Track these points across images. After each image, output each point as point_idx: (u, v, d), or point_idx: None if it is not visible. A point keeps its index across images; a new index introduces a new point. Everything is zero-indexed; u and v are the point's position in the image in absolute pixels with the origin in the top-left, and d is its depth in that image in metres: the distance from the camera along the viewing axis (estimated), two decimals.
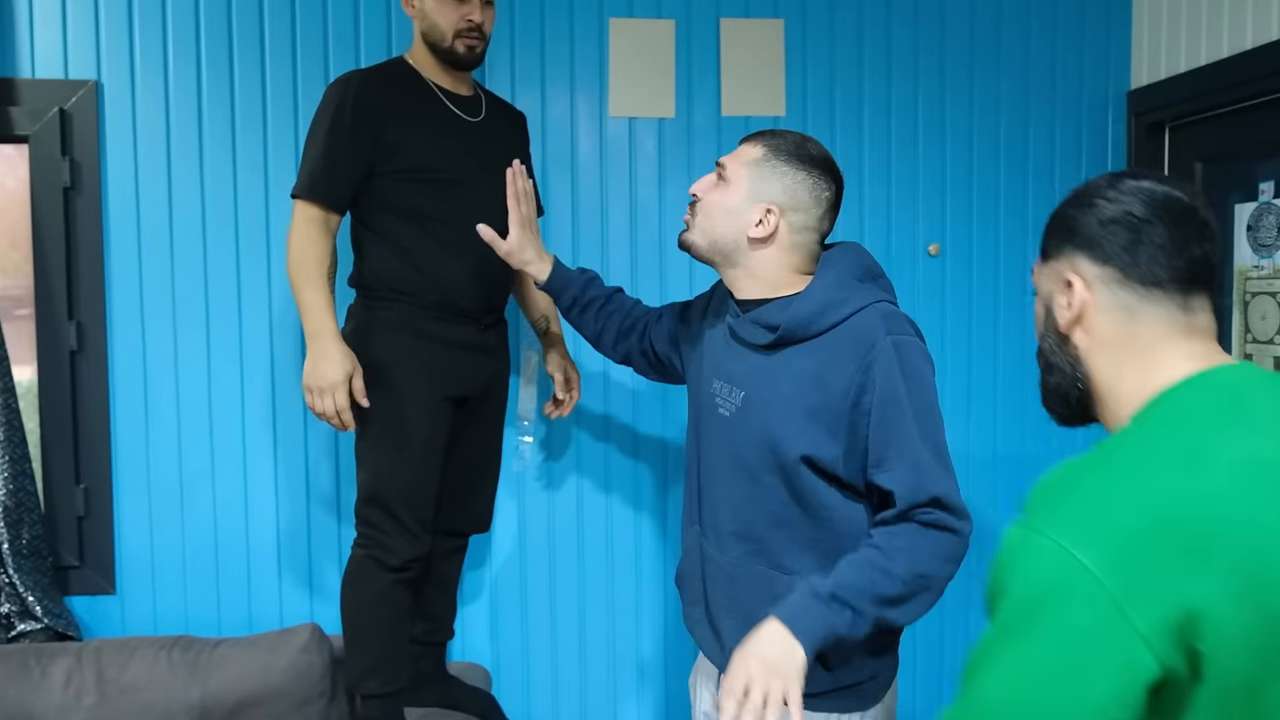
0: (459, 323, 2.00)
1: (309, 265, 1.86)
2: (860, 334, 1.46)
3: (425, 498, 1.97)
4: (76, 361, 2.34)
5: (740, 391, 1.57)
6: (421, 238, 1.96)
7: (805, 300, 1.50)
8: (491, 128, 2.09)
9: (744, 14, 2.49)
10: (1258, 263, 2.27)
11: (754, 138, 1.60)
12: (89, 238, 2.32)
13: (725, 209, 1.55)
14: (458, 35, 1.95)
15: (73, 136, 2.30)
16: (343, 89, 1.91)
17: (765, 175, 1.54)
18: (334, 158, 1.88)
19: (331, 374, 1.82)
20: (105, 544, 2.36)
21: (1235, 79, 2.25)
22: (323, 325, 1.84)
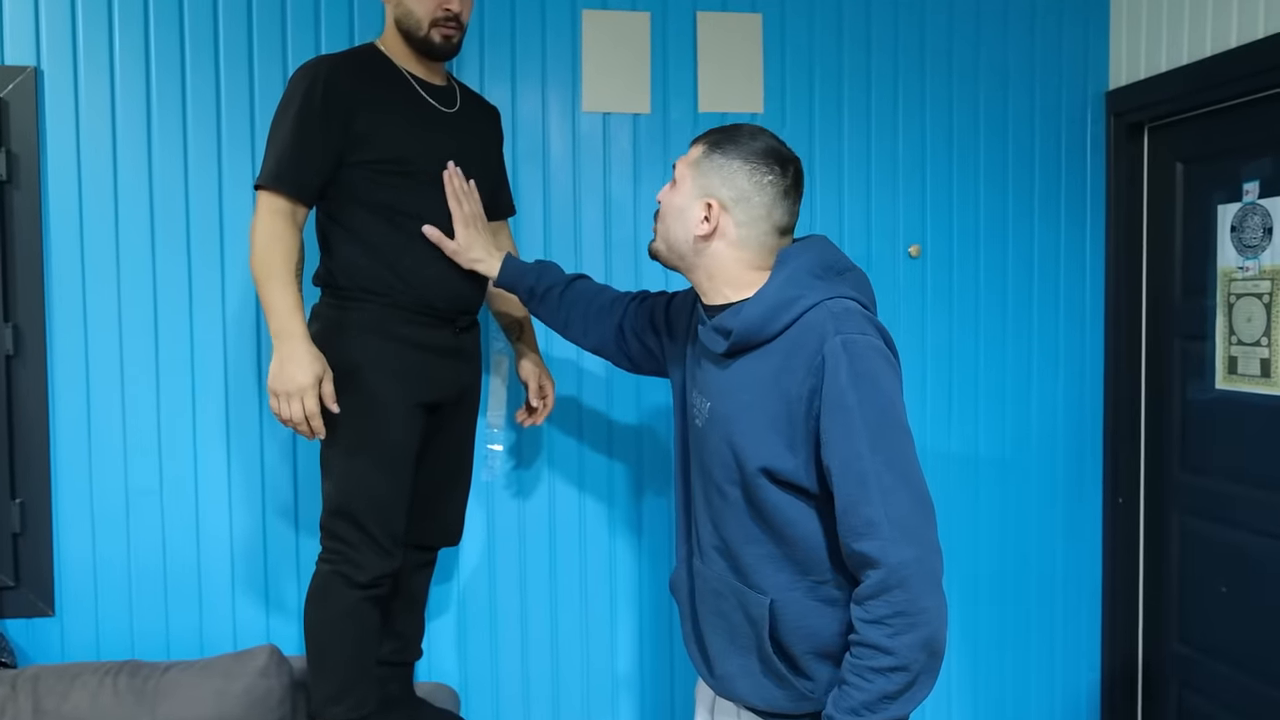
0: (433, 325, 1.89)
1: (275, 261, 1.73)
2: (810, 334, 1.38)
3: (397, 510, 1.85)
4: (13, 367, 2.18)
5: (707, 402, 1.51)
6: (394, 234, 1.85)
7: (755, 303, 1.44)
8: (467, 119, 1.99)
9: (722, 8, 2.42)
10: (1242, 264, 2.25)
11: (700, 137, 1.55)
12: (26, 235, 2.17)
13: (676, 210, 1.51)
14: (434, 24, 1.85)
15: (9, 127, 2.15)
16: (311, 74, 1.79)
17: (705, 170, 1.49)
18: (303, 146, 1.76)
19: (300, 377, 1.70)
20: (43, 562, 2.20)
21: (1216, 78, 2.23)
22: (290, 326, 1.71)
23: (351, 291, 1.84)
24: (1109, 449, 2.61)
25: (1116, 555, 2.59)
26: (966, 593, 2.57)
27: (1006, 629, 2.60)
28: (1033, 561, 2.61)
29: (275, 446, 2.26)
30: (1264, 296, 2.19)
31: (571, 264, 2.37)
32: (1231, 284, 2.28)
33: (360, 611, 1.82)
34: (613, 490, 2.41)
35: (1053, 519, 2.61)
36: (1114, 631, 2.60)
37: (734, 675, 1.51)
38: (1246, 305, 2.23)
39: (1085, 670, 2.63)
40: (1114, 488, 2.59)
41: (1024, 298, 2.57)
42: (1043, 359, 2.59)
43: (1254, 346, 2.22)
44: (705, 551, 1.55)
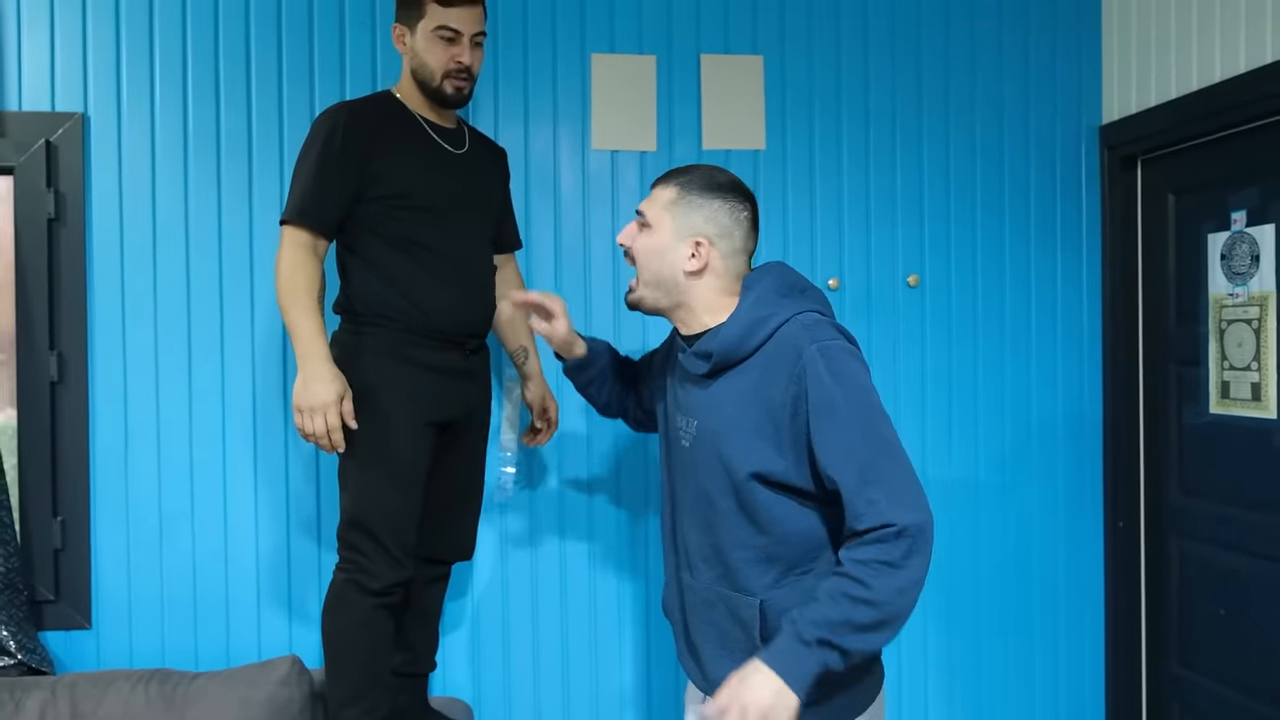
0: (443, 348, 2.01)
1: (299, 289, 1.88)
2: (786, 346, 1.50)
3: (408, 523, 1.96)
4: (57, 392, 2.33)
5: (694, 421, 1.62)
6: (408, 264, 1.98)
7: (731, 325, 1.56)
8: (474, 159, 2.12)
9: (724, 50, 2.54)
10: (1232, 291, 2.31)
11: (663, 180, 1.65)
12: (72, 269, 2.33)
13: (657, 251, 1.61)
14: (446, 76, 2.00)
15: (58, 168, 2.32)
16: (332, 119, 1.95)
17: (685, 211, 1.60)
18: (323, 184, 1.91)
19: (322, 394, 1.83)
20: (82, 578, 2.33)
21: (1203, 112, 2.30)
22: (314, 348, 1.85)
23: (367, 317, 1.98)
24: (1109, 474, 2.66)
25: (1118, 579, 2.63)
26: (969, 617, 2.62)
27: (1010, 654, 2.64)
28: (1035, 587, 2.65)
29: (299, 469, 2.39)
30: (1253, 322, 2.24)
31: (580, 293, 2.48)
32: (1223, 310, 2.34)
33: (374, 619, 1.93)
34: (620, 510, 2.50)
35: (1054, 544, 2.66)
36: (1117, 656, 2.63)
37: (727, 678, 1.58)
38: (1237, 331, 2.29)
39: (1089, 695, 2.66)
40: (1114, 512, 2.64)
41: (1022, 326, 2.64)
42: (1041, 386, 2.65)
43: (1244, 371, 2.27)
44: (694, 564, 1.65)
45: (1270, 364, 2.19)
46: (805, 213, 2.56)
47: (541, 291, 1.84)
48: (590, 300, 2.49)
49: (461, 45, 1.98)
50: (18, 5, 2.31)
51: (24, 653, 2.22)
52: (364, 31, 2.40)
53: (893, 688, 2.53)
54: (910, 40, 2.60)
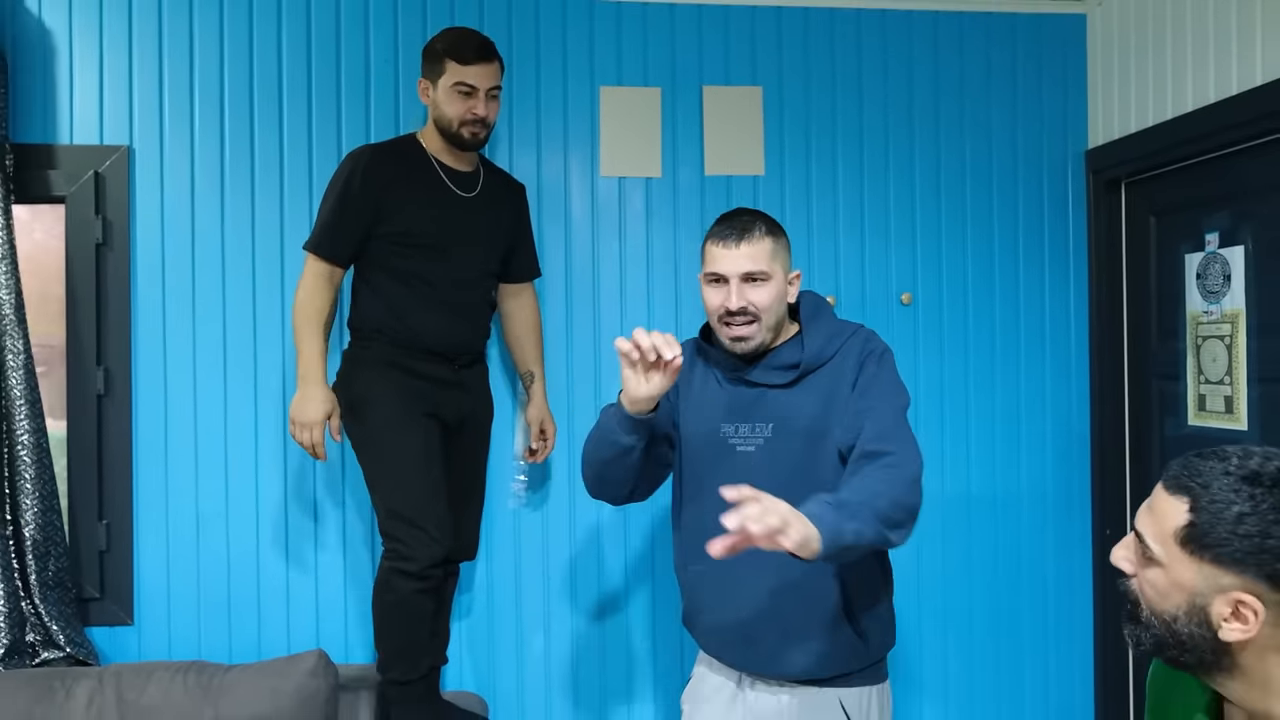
0: (433, 362, 2.26)
1: (309, 313, 2.18)
2: (854, 350, 1.84)
3: (436, 499, 2.18)
4: (103, 405, 2.51)
5: (766, 425, 1.82)
6: (406, 293, 2.24)
7: (814, 338, 1.85)
8: (485, 200, 2.34)
9: (725, 82, 2.69)
10: (1207, 308, 2.42)
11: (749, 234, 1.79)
12: (118, 290, 2.51)
13: (780, 297, 1.84)
14: (463, 124, 2.22)
15: (105, 197, 2.50)
16: (354, 162, 2.21)
17: (781, 254, 1.85)
18: (340, 221, 2.19)
19: (312, 413, 2.14)
20: (125, 577, 2.51)
21: (1180, 138, 2.42)
22: (312, 371, 2.15)
23: (367, 333, 2.26)
24: (1096, 483, 2.77)
25: (1105, 584, 2.74)
26: (963, 619, 2.74)
27: (1001, 655, 2.75)
28: (1025, 591, 2.76)
29: (325, 477, 2.55)
30: (1225, 338, 2.36)
31: (590, 312, 2.64)
32: (1199, 327, 2.45)
33: (413, 601, 2.16)
34: (627, 513, 2.65)
35: (1043, 550, 2.77)
36: (1104, 657, 2.74)
37: (793, 652, 1.78)
38: (1211, 346, 2.41)
39: (1079, 694, 2.77)
40: (1101, 520, 2.75)
41: (1011, 342, 2.77)
42: (1030, 399, 2.77)
43: (1218, 385, 2.38)
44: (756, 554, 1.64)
45: (1241, 378, 2.30)
46: (802, 234, 2.70)
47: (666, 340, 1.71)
48: (599, 317, 2.64)
49: (477, 98, 2.20)
50: (70, 48, 2.50)
51: (72, 646, 2.39)
52: (388, 69, 2.57)
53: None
54: (902, 70, 2.74)
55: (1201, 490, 1.11)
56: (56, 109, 2.50)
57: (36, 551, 2.37)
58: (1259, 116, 2.16)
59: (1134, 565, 1.19)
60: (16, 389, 2.35)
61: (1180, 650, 1.14)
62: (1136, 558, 1.19)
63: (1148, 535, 1.16)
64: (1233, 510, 1.09)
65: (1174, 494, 1.14)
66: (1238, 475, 1.10)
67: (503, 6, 2.62)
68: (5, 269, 2.35)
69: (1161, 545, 1.14)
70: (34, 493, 2.37)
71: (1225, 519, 1.09)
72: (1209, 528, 1.09)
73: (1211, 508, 1.10)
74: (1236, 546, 1.08)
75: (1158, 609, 1.15)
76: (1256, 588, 1.07)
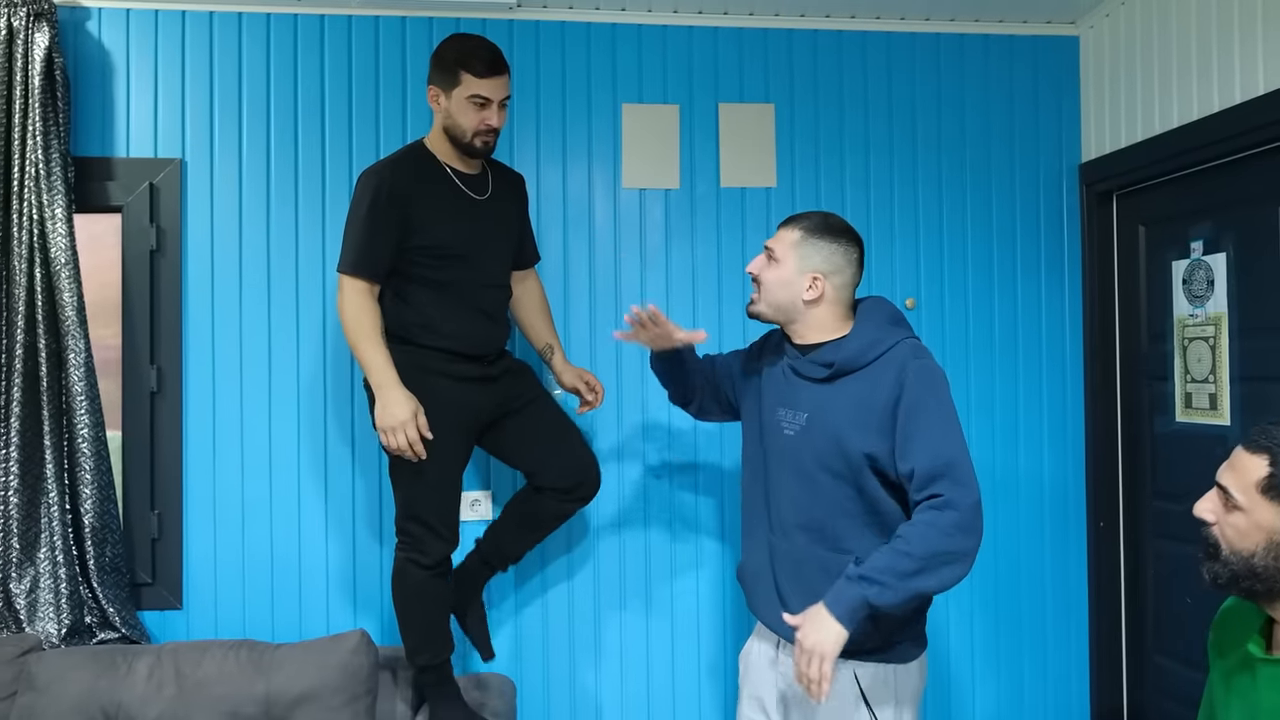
0: (464, 362, 2.32)
1: (365, 328, 2.20)
2: (894, 363, 1.89)
3: (452, 506, 2.32)
4: (155, 402, 2.67)
5: (803, 414, 1.97)
6: (435, 299, 2.30)
7: (853, 341, 1.94)
8: (496, 200, 2.42)
9: (739, 99, 2.86)
10: (1193, 312, 2.58)
11: (790, 223, 2.02)
12: (170, 294, 2.67)
13: (781, 282, 1.99)
14: (476, 134, 2.28)
15: (159, 207, 2.67)
16: (377, 180, 2.24)
17: (807, 252, 1.97)
18: (372, 240, 2.22)
19: (400, 414, 2.15)
20: (175, 563, 2.66)
21: (1167, 152, 2.58)
22: (386, 377, 2.17)
23: (400, 343, 2.28)
24: (1090, 480, 2.92)
25: (1100, 575, 2.89)
26: (964, 609, 2.89)
27: (1001, 643, 2.90)
28: (1024, 583, 2.92)
29: (362, 470, 2.71)
30: (1210, 339, 2.51)
31: (613, 315, 2.80)
32: (1185, 329, 2.61)
33: (429, 587, 2.29)
34: (649, 502, 2.80)
35: (1041, 543, 2.92)
36: (1099, 645, 2.89)
37: None
38: (1197, 348, 2.56)
39: (1075, 681, 2.92)
40: (1096, 514, 2.90)
41: (1009, 345, 2.93)
42: (1028, 399, 2.93)
43: (1203, 383, 2.54)
44: (788, 531, 1.97)
45: (1224, 376, 2.46)
46: None
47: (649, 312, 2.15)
48: (620, 320, 2.80)
49: (491, 110, 2.27)
50: (127, 67, 2.67)
51: (126, 628, 2.55)
52: (423, 86, 2.74)
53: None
54: (906, 88, 2.91)
55: (1279, 449, 1.41)
56: (114, 124, 2.67)
57: (95, 538, 2.52)
58: (1238, 133, 2.32)
59: (1216, 514, 1.49)
60: (78, 386, 2.51)
61: (1255, 580, 1.43)
62: (1219, 508, 1.49)
63: (1232, 487, 1.46)
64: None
65: (1255, 453, 1.45)
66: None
67: (531, 29, 2.79)
68: (68, 274, 2.51)
69: (1245, 494, 1.43)
70: (93, 483, 2.53)
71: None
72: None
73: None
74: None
75: (1238, 547, 1.44)
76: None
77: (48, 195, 2.49)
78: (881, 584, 1.74)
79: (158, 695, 2.25)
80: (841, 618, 1.75)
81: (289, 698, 2.27)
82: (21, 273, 2.50)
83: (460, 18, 2.75)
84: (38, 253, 2.50)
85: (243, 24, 2.70)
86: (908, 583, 1.75)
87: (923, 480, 1.80)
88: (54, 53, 2.50)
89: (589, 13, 2.80)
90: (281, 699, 2.26)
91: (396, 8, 2.72)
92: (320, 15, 2.72)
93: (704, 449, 2.84)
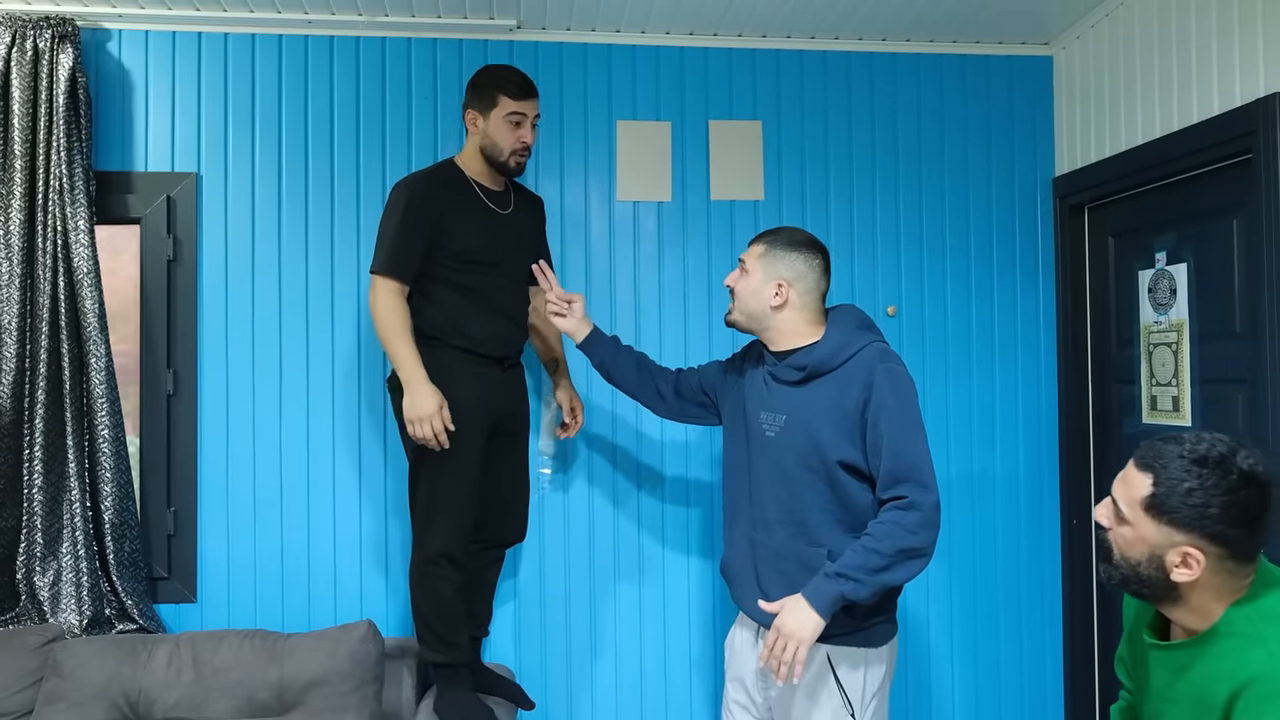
0: (485, 364, 2.49)
1: (396, 325, 2.35)
2: (863, 365, 2.04)
3: (469, 500, 2.43)
4: (171, 404, 2.80)
5: (781, 416, 2.11)
6: (462, 302, 2.46)
7: (823, 346, 2.09)
8: (518, 215, 2.60)
9: (728, 116, 3.01)
10: (1157, 319, 2.72)
11: (759, 238, 2.20)
12: (186, 301, 2.81)
13: (751, 290, 2.16)
14: (513, 153, 2.47)
15: (176, 218, 2.81)
16: (410, 192, 2.41)
17: (771, 262, 2.14)
18: (405, 243, 2.38)
19: (426, 407, 2.30)
20: (190, 558, 2.79)
21: (1133, 168, 2.72)
22: (415, 372, 2.33)
23: (427, 341, 2.42)
24: (1064, 478, 3.06)
25: (1073, 569, 3.02)
26: (943, 602, 3.02)
27: (979, 634, 3.03)
28: (1000, 577, 3.05)
29: (370, 466, 2.84)
30: (1173, 345, 2.66)
31: (607, 320, 2.94)
32: (1150, 335, 2.75)
33: (444, 594, 2.41)
34: (640, 503, 2.94)
35: (1016, 539, 3.06)
36: (1073, 636, 3.02)
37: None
38: (1161, 353, 2.70)
39: (1049, 669, 3.05)
40: (1069, 512, 3.04)
41: (986, 351, 3.07)
42: (1004, 403, 3.07)
43: (1167, 386, 2.68)
44: (769, 525, 2.11)
45: (1186, 380, 2.60)
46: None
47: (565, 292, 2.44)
48: (615, 324, 2.94)
49: (525, 127, 2.46)
50: (145, 85, 2.81)
51: (144, 619, 2.67)
52: (427, 105, 2.88)
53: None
54: (887, 106, 3.06)
55: (1161, 469, 1.47)
56: (133, 140, 2.81)
57: (114, 533, 2.65)
58: (1196, 150, 2.47)
59: (1110, 521, 1.56)
60: (99, 388, 2.64)
61: (1141, 586, 1.52)
62: (1112, 516, 1.56)
63: (1120, 501, 1.53)
64: (1184, 486, 1.45)
65: (1141, 470, 1.51)
66: (1189, 458, 1.46)
67: (530, 49, 2.93)
68: (90, 283, 2.64)
69: (1130, 509, 1.51)
70: (112, 480, 2.66)
71: (1178, 492, 1.44)
72: (1166, 498, 1.45)
73: (1168, 483, 1.46)
74: (1186, 514, 1.44)
75: (1126, 555, 1.53)
76: (1200, 544, 1.44)
77: (71, 208, 2.63)
78: (856, 580, 1.91)
79: (177, 681, 2.37)
80: (820, 609, 1.92)
81: (301, 683, 2.39)
82: (46, 281, 2.63)
83: (463, 39, 2.90)
84: (61, 262, 2.64)
85: (256, 45, 2.84)
86: (877, 577, 1.92)
87: (887, 481, 1.97)
88: (77, 72, 2.64)
89: (585, 34, 2.94)
90: (294, 685, 2.39)
91: (402, 30, 2.86)
92: (330, 37, 2.86)
93: (695, 455, 2.97)
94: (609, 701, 2.91)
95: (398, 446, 2.79)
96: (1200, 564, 1.45)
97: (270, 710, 2.38)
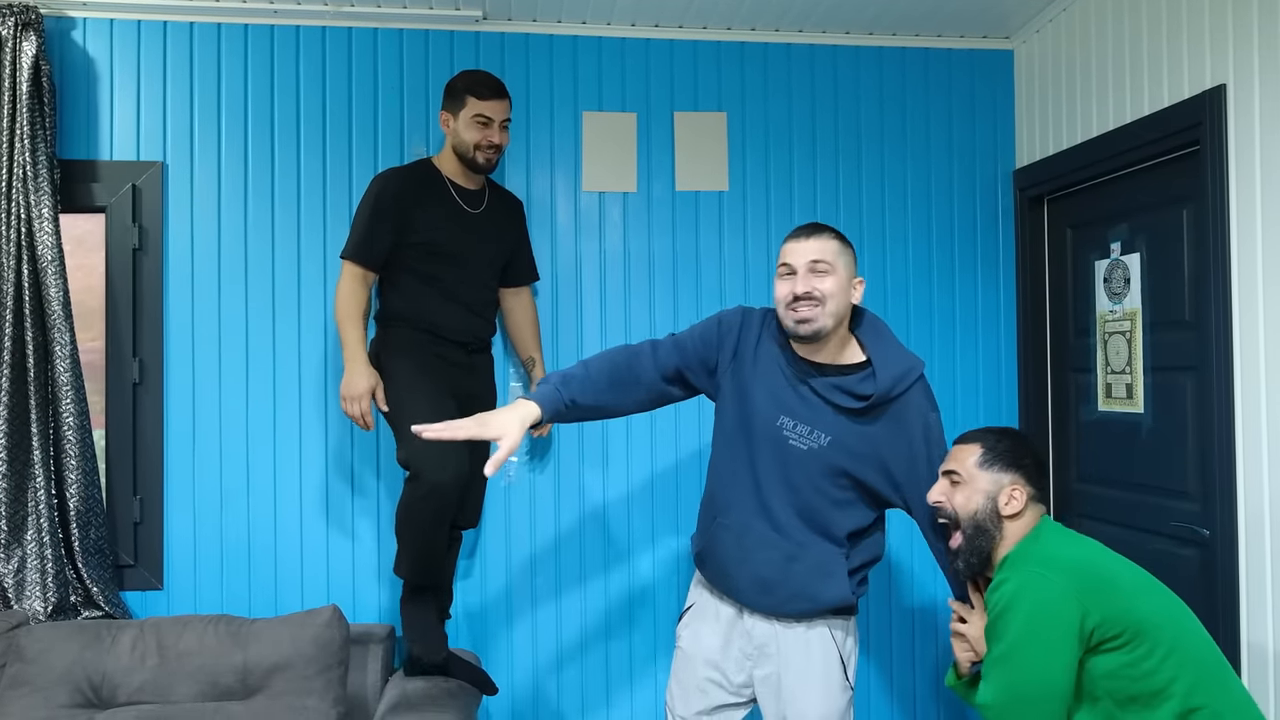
0: (448, 346, 2.61)
1: (351, 309, 2.51)
2: (915, 408, 2.08)
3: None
4: (138, 392, 2.81)
5: (825, 436, 2.06)
6: (426, 291, 2.59)
7: (883, 374, 2.04)
8: (489, 214, 2.70)
9: (693, 108, 3.04)
10: (1112, 308, 2.77)
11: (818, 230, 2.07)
12: (152, 290, 2.81)
13: (842, 288, 2.04)
14: (478, 149, 2.58)
15: (142, 207, 2.81)
16: (384, 182, 2.57)
17: (848, 257, 2.08)
18: (373, 232, 2.52)
19: (359, 385, 2.47)
20: (156, 546, 2.80)
21: (1088, 160, 2.78)
22: (356, 354, 2.49)
23: (393, 323, 2.60)
24: None
25: None
26: (907, 584, 3.07)
27: (940, 617, 3.08)
28: None
29: (335, 455, 2.86)
30: (1126, 333, 2.71)
31: (573, 309, 2.97)
32: (1105, 324, 2.80)
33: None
34: (606, 489, 2.97)
35: None
36: None
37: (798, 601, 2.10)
38: (1116, 341, 2.76)
39: None
40: None
41: (948, 340, 3.12)
42: (965, 390, 3.12)
43: (1121, 374, 2.73)
44: (782, 526, 2.09)
45: (1139, 368, 2.66)
46: (763, 244, 3.04)
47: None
48: (582, 315, 2.97)
49: (492, 129, 2.57)
50: (110, 74, 2.81)
51: (110, 606, 2.68)
52: (394, 96, 2.90)
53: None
54: (851, 99, 3.10)
55: (984, 437, 2.03)
56: (98, 128, 2.81)
57: (79, 520, 2.66)
58: (1147, 141, 2.52)
59: (945, 495, 2.00)
60: (64, 376, 2.65)
61: (981, 535, 1.96)
62: (948, 489, 2.00)
63: (956, 468, 1.99)
64: (1002, 445, 2.01)
65: (968, 443, 2.03)
66: (997, 433, 2.04)
67: (496, 41, 2.95)
68: (54, 271, 2.65)
69: (965, 471, 1.98)
70: (77, 468, 2.66)
71: (999, 449, 1.99)
72: (992, 452, 1.99)
73: (991, 445, 2.01)
74: (1008, 459, 1.98)
75: (967, 511, 1.97)
76: (1019, 480, 1.97)
77: (35, 196, 2.63)
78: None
79: (141, 666, 2.39)
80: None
81: (264, 667, 2.41)
82: (10, 269, 2.63)
83: (430, 29, 2.91)
84: (25, 250, 2.64)
85: (221, 34, 2.85)
86: None
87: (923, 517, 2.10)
88: (41, 60, 2.64)
89: (551, 25, 2.97)
90: (257, 669, 2.41)
91: (368, 20, 2.87)
92: (296, 26, 2.87)
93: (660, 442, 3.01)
94: (574, 686, 2.94)
95: (364, 435, 2.82)
96: (1022, 497, 1.96)
97: (234, 694, 2.40)
